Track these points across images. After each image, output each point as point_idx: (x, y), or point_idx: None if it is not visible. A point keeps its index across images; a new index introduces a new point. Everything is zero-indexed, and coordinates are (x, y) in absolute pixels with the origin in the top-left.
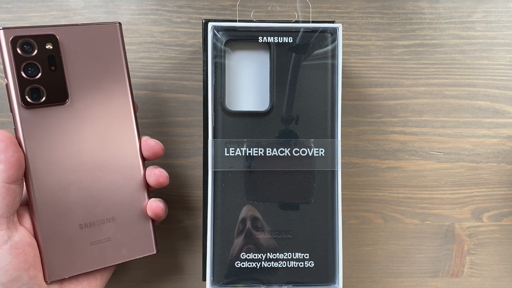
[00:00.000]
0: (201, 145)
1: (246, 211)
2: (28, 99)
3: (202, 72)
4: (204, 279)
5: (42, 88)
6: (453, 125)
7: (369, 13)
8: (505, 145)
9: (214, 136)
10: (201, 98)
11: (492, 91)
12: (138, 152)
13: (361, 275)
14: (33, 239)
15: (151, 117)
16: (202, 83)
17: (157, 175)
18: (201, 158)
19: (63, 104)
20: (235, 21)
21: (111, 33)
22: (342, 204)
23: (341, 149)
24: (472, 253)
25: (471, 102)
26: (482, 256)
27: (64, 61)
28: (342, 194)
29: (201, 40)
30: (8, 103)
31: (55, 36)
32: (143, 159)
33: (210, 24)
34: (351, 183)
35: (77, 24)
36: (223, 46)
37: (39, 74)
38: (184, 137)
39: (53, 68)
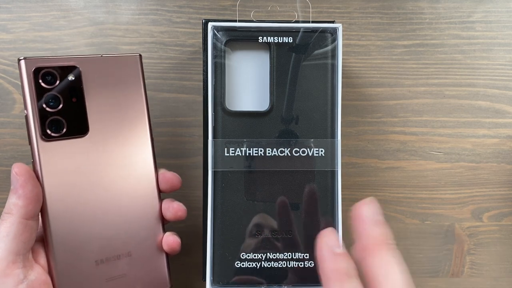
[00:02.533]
0: (201, 145)
1: (246, 211)
2: (49, 132)
3: (202, 72)
4: (204, 279)
5: (63, 120)
6: (453, 125)
7: (369, 13)
8: (505, 145)
9: (214, 136)
10: (201, 98)
11: (492, 91)
12: (155, 185)
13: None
14: (48, 277)
15: (151, 117)
16: (202, 83)
17: (175, 208)
18: (201, 158)
19: (83, 136)
20: (235, 21)
21: (131, 65)
22: (342, 204)
23: (341, 149)
24: (472, 253)
25: (471, 102)
26: (482, 256)
27: (86, 92)
28: (342, 194)
29: (201, 40)
30: (26, 134)
31: (78, 67)
32: (159, 191)
33: (210, 24)
34: (351, 183)
35: (99, 55)
36: (223, 46)
37: (60, 106)
38: (184, 137)
39: (74, 99)
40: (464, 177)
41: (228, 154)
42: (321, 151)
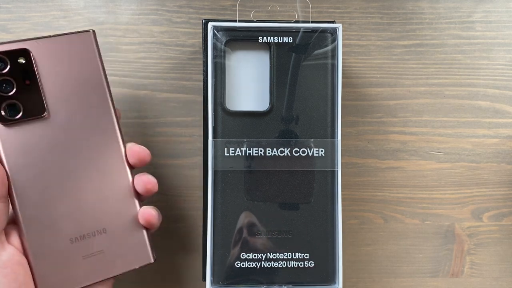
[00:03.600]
0: (201, 145)
1: (246, 211)
2: (5, 116)
3: (202, 72)
4: (204, 279)
5: (18, 103)
6: (453, 125)
7: (369, 13)
8: (505, 145)
9: (214, 136)
10: (201, 98)
11: (492, 91)
12: (124, 160)
13: (361, 275)
14: (23, 257)
15: (151, 117)
16: (202, 83)
17: (144, 181)
18: (201, 158)
19: (41, 117)
20: (235, 21)
21: (85, 42)
22: (342, 204)
23: (341, 149)
24: (472, 253)
25: (471, 102)
26: (482, 256)
27: (39, 74)
28: (342, 194)
29: (201, 40)
30: None
31: (27, 50)
32: (131, 166)
33: (210, 24)
34: (351, 183)
35: (49, 36)
36: (223, 46)
37: (14, 90)
38: (184, 137)
39: (27, 82)
40: (464, 177)
41: (228, 154)
42: (321, 151)
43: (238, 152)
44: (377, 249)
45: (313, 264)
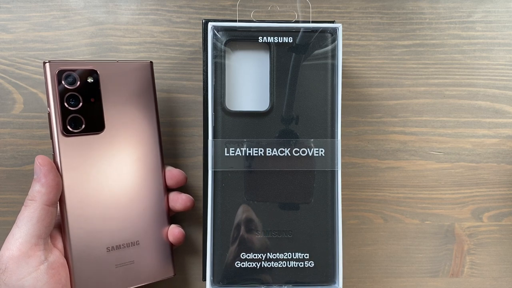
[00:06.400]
0: (201, 145)
1: (246, 211)
2: (69, 128)
3: (202, 72)
4: (204, 279)
5: (82, 118)
6: (453, 125)
7: (369, 13)
8: (505, 145)
9: (214, 136)
10: (201, 98)
11: (492, 91)
12: (162, 181)
13: (361, 275)
14: (65, 260)
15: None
16: (202, 83)
17: (184, 200)
18: (201, 158)
19: (99, 133)
20: (235, 21)
21: (143, 70)
22: (342, 204)
23: (341, 149)
24: (472, 253)
25: (471, 102)
26: (482, 256)
27: (103, 93)
28: (342, 194)
29: (201, 40)
30: (48, 130)
31: (96, 71)
32: (166, 187)
33: (210, 24)
34: (351, 183)
35: (115, 61)
36: (223, 46)
37: (80, 105)
38: (184, 137)
39: (92, 99)
40: (464, 177)
41: (228, 154)
42: (321, 151)
43: (238, 152)
44: (377, 249)
45: (313, 264)
